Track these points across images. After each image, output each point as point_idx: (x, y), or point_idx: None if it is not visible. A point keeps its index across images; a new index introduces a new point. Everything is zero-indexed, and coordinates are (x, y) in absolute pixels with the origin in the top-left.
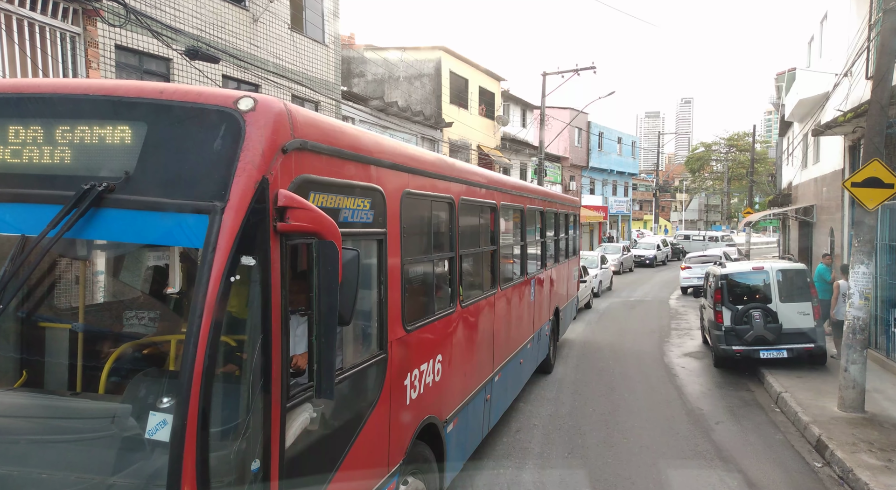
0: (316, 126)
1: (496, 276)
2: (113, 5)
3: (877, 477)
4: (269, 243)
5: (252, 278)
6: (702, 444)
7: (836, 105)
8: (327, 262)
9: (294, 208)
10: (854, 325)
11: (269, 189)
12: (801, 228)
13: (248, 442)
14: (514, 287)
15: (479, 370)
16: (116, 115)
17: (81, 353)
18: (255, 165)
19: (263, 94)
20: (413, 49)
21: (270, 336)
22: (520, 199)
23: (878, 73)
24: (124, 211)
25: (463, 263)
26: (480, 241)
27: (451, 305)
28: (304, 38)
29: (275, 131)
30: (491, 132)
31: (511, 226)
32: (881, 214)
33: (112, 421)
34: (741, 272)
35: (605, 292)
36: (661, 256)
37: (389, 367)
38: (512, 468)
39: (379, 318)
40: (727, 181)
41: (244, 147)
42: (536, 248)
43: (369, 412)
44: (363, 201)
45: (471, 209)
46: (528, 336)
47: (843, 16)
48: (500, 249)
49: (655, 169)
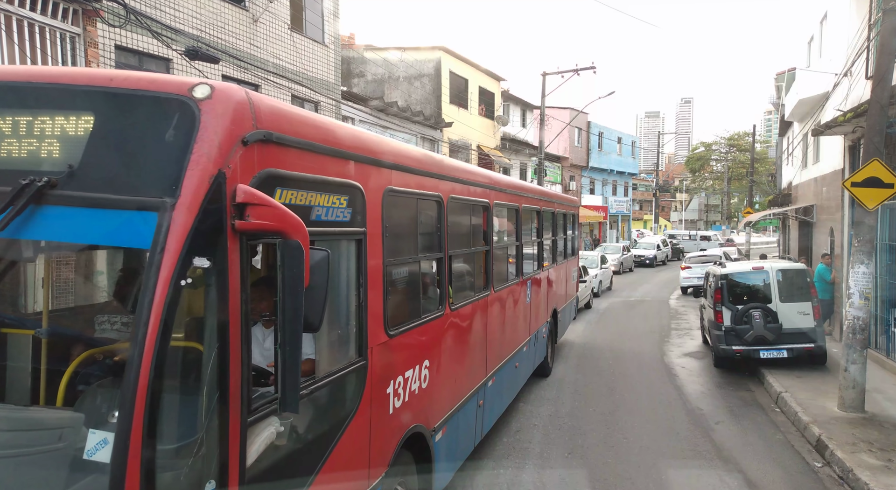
0: (283, 117)
1: (489, 278)
2: (113, 6)
3: (877, 477)
4: (226, 243)
5: (207, 281)
6: (702, 444)
7: (835, 105)
8: (292, 262)
9: (254, 205)
10: (854, 324)
11: (227, 184)
12: (801, 228)
13: (202, 461)
14: (509, 289)
15: (471, 375)
16: (61, 104)
17: (45, 361)
18: (210, 158)
19: (224, 82)
20: (413, 49)
21: (228, 344)
22: (515, 197)
23: (877, 73)
24: (66, 208)
25: (453, 264)
26: (472, 242)
27: (440, 308)
28: (303, 39)
29: (234, 121)
30: (491, 132)
31: (505, 225)
32: (881, 214)
33: (59, 436)
34: (741, 272)
35: (605, 292)
36: (661, 256)
37: (370, 374)
38: (512, 468)
39: (358, 323)
40: (727, 181)
41: (198, 138)
42: (532, 248)
43: (347, 423)
44: (339, 199)
45: (461, 208)
46: (524, 339)
47: (842, 16)
48: (494, 250)
49: (655, 169)
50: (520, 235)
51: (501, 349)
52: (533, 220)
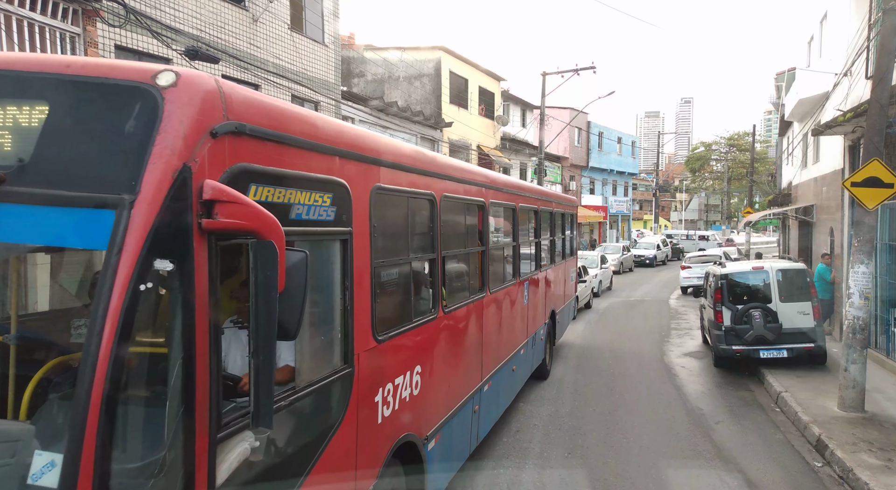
0: (258, 108)
1: (485, 279)
2: (113, 6)
3: (877, 476)
4: (191, 244)
5: (170, 285)
6: (702, 444)
7: (835, 105)
8: (266, 265)
9: (224, 202)
10: (854, 324)
11: (193, 179)
12: (800, 228)
13: (165, 482)
14: (506, 290)
15: (466, 380)
16: (13, 92)
17: (13, 368)
18: (173, 151)
19: (193, 70)
20: (413, 49)
21: (194, 354)
22: (511, 197)
23: (877, 73)
24: (15, 206)
25: (446, 266)
26: (467, 242)
27: (433, 311)
28: (303, 39)
29: (202, 111)
30: (491, 132)
31: (502, 225)
32: (881, 214)
33: (14, 452)
34: (741, 272)
35: (605, 292)
36: (660, 256)
37: (356, 382)
38: (512, 468)
39: (343, 328)
40: (727, 181)
41: (161, 129)
42: (530, 248)
43: (331, 435)
44: (323, 197)
45: (455, 207)
46: (521, 341)
47: (842, 15)
48: (490, 250)
49: (655, 169)
50: (517, 235)
51: (498, 352)
52: (530, 219)
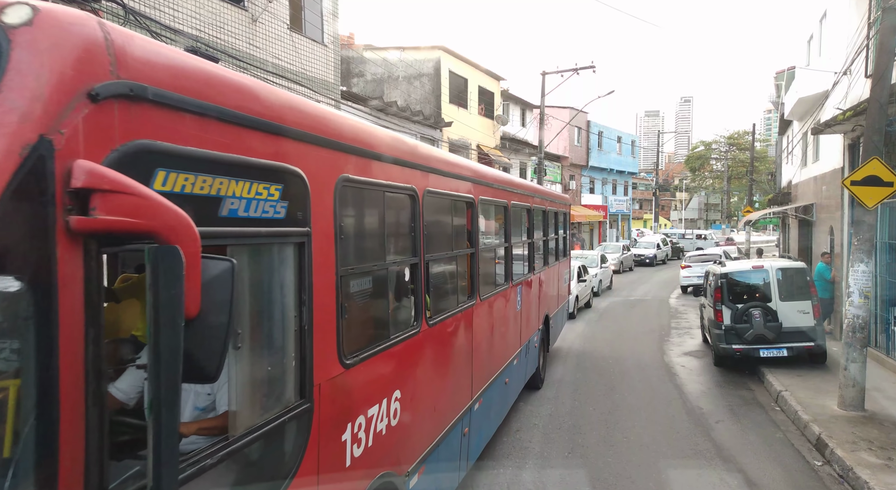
0: (168, 66)
1: (474, 285)
2: (112, 6)
3: (877, 475)
4: (53, 250)
5: (19, 312)
6: (702, 443)
7: (835, 103)
8: (169, 279)
9: (105, 192)
10: (854, 323)
11: (56, 159)
12: (800, 227)
13: None
14: (498, 296)
15: (455, 400)
16: None
17: None
18: (23, 117)
19: (65, 6)
20: (412, 49)
21: (57, 400)
22: (503, 193)
23: (876, 72)
24: None
25: (431, 271)
26: (454, 244)
27: (415, 324)
28: (303, 39)
29: (74, 64)
30: (490, 132)
31: (493, 225)
32: (881, 213)
33: None
34: (741, 271)
35: (605, 291)
36: (661, 255)
37: (317, 420)
38: (512, 468)
39: (298, 354)
40: (727, 180)
41: (4, 84)
42: (523, 249)
43: (283, 488)
44: (268, 188)
45: (441, 204)
46: (514, 351)
47: (842, 14)
48: (480, 253)
49: (655, 168)
50: (509, 236)
51: (490, 365)
52: (523, 219)
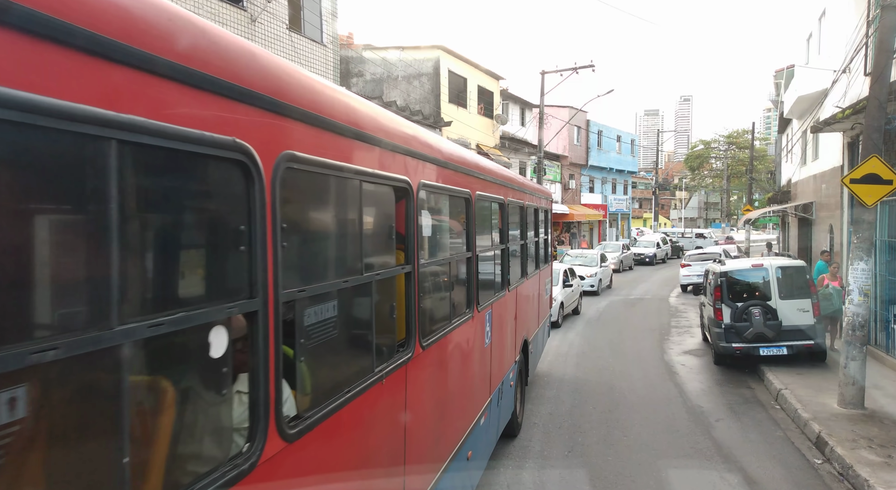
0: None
1: (411, 327)
2: None
3: (877, 473)
4: None
5: None
6: (702, 442)
7: (834, 102)
8: None
9: None
10: (853, 321)
11: None
12: (800, 226)
13: None
14: (455, 332)
15: None
16: None
17: None
18: None
19: None
20: (412, 48)
21: None
22: (464, 180)
23: (876, 70)
24: None
25: (301, 322)
26: (374, 263)
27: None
28: (302, 39)
29: None
30: (490, 131)
31: (448, 228)
32: (880, 211)
33: None
34: (741, 269)
35: (605, 290)
36: (660, 254)
37: None
38: (512, 467)
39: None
40: (727, 179)
41: None
42: (493, 260)
43: None
44: None
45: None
46: (481, 406)
47: (841, 13)
48: (421, 273)
49: (655, 167)
50: (472, 244)
51: (440, 446)
52: (492, 218)
